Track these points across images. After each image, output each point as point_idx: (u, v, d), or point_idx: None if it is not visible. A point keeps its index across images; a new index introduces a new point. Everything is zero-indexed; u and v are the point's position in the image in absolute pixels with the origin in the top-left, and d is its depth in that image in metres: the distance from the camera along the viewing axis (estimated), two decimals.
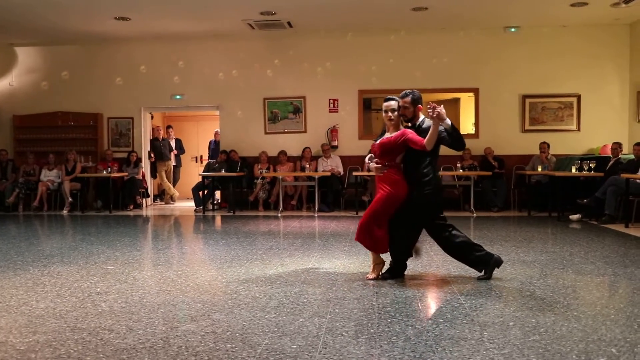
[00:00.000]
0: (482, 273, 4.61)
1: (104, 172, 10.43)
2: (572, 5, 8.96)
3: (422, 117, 4.64)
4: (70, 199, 10.57)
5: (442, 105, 4.33)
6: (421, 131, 4.50)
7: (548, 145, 9.88)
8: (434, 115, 4.26)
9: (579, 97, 10.47)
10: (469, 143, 10.42)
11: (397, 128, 4.59)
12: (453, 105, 13.72)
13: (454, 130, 4.40)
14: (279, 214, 9.77)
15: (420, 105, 4.61)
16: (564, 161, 9.65)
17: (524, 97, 10.57)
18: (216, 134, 12.07)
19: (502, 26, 10.42)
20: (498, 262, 4.63)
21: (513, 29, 10.41)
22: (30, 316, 3.61)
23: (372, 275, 4.62)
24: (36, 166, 11.04)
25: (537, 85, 10.53)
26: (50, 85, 11.54)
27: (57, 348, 3.01)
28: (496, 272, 4.85)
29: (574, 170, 8.75)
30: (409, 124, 4.63)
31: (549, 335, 3.17)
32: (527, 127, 10.57)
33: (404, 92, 4.61)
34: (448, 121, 4.35)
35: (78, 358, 2.86)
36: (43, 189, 10.62)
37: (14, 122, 11.54)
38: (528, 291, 4.21)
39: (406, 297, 4.06)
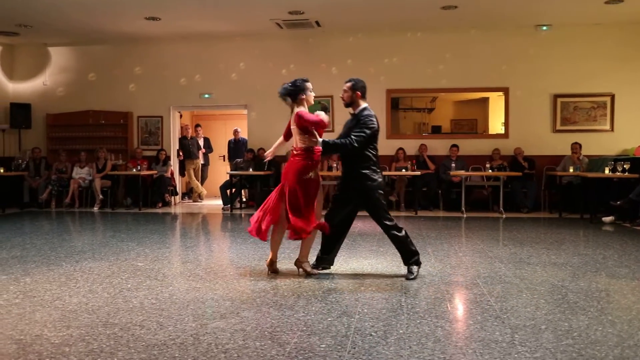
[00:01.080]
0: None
1: (134, 170, 10.58)
2: (607, 2, 8.76)
3: (363, 105, 4.77)
4: (100, 196, 10.74)
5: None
6: (358, 120, 4.66)
7: (580, 146, 9.68)
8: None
9: (612, 97, 10.23)
10: (498, 143, 10.42)
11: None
12: (481, 105, 13.57)
13: (330, 147, 4.60)
14: None
15: (359, 93, 4.75)
16: (597, 162, 9.44)
17: (556, 96, 10.37)
18: (235, 132, 12.08)
19: (533, 24, 10.23)
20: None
21: (545, 28, 10.22)
22: (64, 311, 3.68)
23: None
24: (68, 164, 11.26)
25: (569, 85, 10.32)
26: (82, 84, 11.75)
27: (90, 342, 3.06)
28: (527, 274, 4.79)
29: (607, 171, 8.56)
30: (350, 111, 4.82)
31: (582, 340, 3.10)
32: (558, 127, 10.37)
33: (350, 78, 4.82)
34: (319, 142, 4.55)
35: (110, 353, 2.90)
36: (75, 186, 10.82)
37: (47, 121, 11.78)
38: (560, 294, 4.13)
39: (435, 298, 4.02)
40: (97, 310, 3.69)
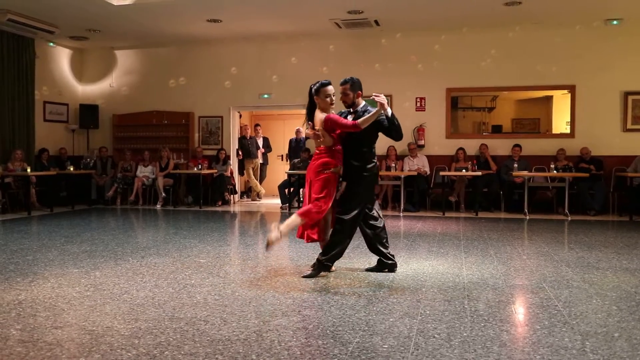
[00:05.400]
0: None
1: (195, 168, 10.85)
2: None
3: (363, 103, 4.75)
4: (163, 194, 11.06)
5: (382, 95, 4.43)
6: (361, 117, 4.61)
7: None
8: (377, 101, 4.39)
9: None
10: (563, 143, 10.05)
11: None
12: (545, 104, 13.14)
13: (394, 119, 4.56)
14: None
15: (360, 92, 4.73)
16: None
17: (626, 93, 9.90)
18: (297, 131, 12.17)
19: (602, 19, 9.79)
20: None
21: (615, 22, 9.77)
22: (132, 304, 3.80)
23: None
24: (133, 162, 11.67)
25: None
26: (146, 86, 12.14)
27: (158, 335, 3.14)
28: (596, 279, 4.59)
29: None
30: (350, 110, 4.75)
31: None
32: (629, 126, 9.90)
33: (343, 79, 4.72)
34: (389, 111, 4.50)
35: (177, 346, 2.97)
36: (139, 184, 11.19)
37: (113, 121, 12.25)
38: (634, 301, 3.94)
39: (499, 302, 3.91)
40: (163, 304, 3.79)
